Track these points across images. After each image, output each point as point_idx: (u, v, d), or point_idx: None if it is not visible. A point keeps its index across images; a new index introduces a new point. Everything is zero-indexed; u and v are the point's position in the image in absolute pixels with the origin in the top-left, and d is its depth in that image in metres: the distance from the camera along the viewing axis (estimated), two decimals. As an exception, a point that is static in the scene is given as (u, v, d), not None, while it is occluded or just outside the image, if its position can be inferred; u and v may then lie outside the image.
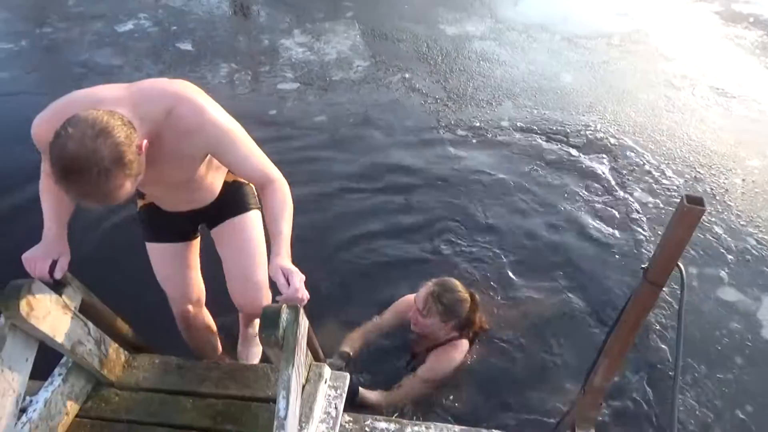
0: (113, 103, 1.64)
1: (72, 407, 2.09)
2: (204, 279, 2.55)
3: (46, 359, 2.01)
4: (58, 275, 1.84)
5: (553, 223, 3.97)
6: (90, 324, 2.05)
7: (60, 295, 1.89)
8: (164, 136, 1.73)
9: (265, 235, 2.15)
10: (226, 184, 2.26)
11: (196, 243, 2.48)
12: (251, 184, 2.31)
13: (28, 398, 1.98)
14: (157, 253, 2.41)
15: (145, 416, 2.12)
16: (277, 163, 2.03)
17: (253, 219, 2.32)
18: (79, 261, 1.99)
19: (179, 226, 2.35)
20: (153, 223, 2.35)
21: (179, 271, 2.44)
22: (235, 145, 1.86)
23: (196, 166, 1.97)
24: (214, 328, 2.74)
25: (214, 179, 2.18)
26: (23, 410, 1.90)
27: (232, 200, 2.30)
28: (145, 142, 1.62)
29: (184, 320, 2.56)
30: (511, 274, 3.53)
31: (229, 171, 2.22)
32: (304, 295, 1.78)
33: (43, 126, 1.71)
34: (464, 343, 2.86)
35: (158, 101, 1.73)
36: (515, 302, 3.33)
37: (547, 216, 4.02)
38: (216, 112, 1.83)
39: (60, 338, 1.87)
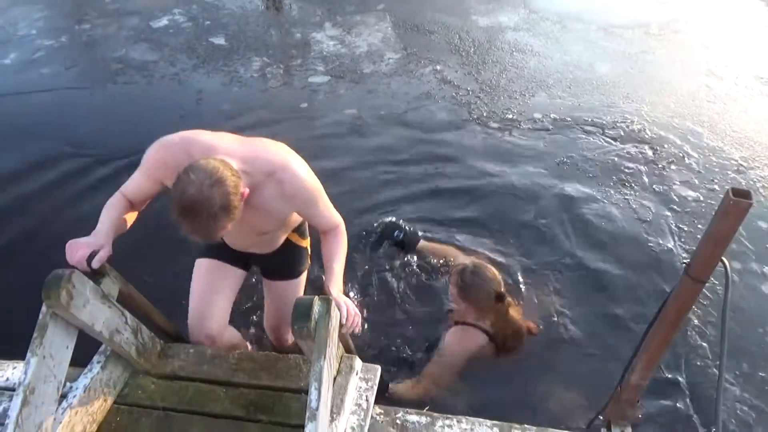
0: (226, 153, 1.89)
1: (110, 394, 2.14)
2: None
3: (86, 347, 2.06)
4: (95, 265, 1.89)
5: (588, 217, 3.88)
6: (127, 313, 2.09)
7: (98, 285, 1.93)
8: (262, 191, 1.96)
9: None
10: (287, 241, 2.47)
11: (242, 276, 2.60)
12: (307, 246, 2.59)
13: (68, 384, 2.04)
14: (205, 266, 2.48)
15: (179, 404, 2.16)
16: (307, 156, 2.10)
17: (302, 282, 2.64)
18: (117, 253, 2.03)
19: (236, 255, 2.49)
20: (212, 245, 2.45)
21: (217, 289, 2.47)
22: (317, 205, 2.10)
23: (281, 220, 2.22)
24: (241, 342, 2.76)
25: (281, 234, 2.41)
26: (64, 396, 1.95)
27: (290, 261, 2.56)
28: (246, 190, 1.84)
29: (207, 340, 2.51)
30: (544, 268, 3.47)
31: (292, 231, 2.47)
32: (358, 320, 2.01)
33: (163, 150, 2.04)
34: (478, 334, 2.77)
35: (264, 163, 1.96)
36: (549, 295, 3.28)
37: (582, 210, 3.94)
38: (309, 176, 2.05)
39: (98, 327, 1.91)
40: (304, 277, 2.64)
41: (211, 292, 2.45)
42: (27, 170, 4.37)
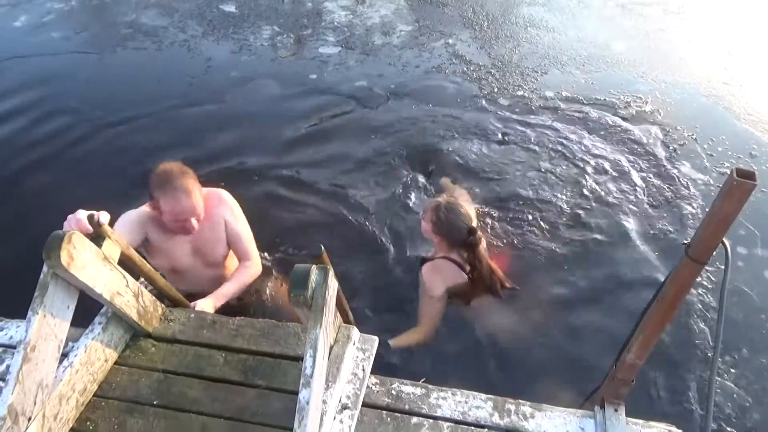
0: None
1: (110, 355, 2.17)
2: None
3: (88, 310, 2.09)
4: (103, 219, 1.91)
5: (595, 194, 3.85)
6: (128, 276, 2.11)
7: (99, 247, 1.94)
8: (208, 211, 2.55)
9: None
10: None
11: None
12: None
13: (70, 344, 2.07)
14: None
15: (179, 367, 2.19)
16: (316, 128, 2.11)
17: None
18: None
19: None
20: None
21: None
22: (243, 224, 2.70)
23: (222, 240, 2.68)
24: None
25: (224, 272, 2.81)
26: (65, 355, 1.98)
27: None
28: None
29: None
30: (547, 242, 3.46)
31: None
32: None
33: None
34: (450, 265, 2.88)
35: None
36: (549, 270, 3.27)
37: (589, 188, 3.90)
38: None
39: (99, 288, 1.93)
40: None
41: None
42: (34, 133, 4.39)
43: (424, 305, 2.90)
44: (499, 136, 4.41)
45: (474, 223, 2.88)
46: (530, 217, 3.64)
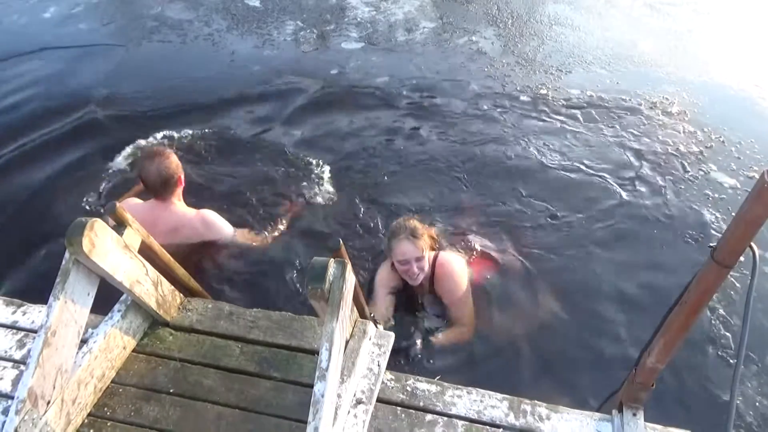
0: None
1: (129, 342, 2.20)
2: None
3: (107, 298, 2.12)
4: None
5: (618, 195, 3.78)
6: (148, 265, 2.13)
7: (121, 235, 1.96)
8: None
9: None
10: None
11: None
12: None
13: (89, 330, 2.10)
14: None
15: (196, 357, 2.21)
16: (335, 123, 2.09)
17: None
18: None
19: None
20: None
21: None
22: None
23: None
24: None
25: None
26: (84, 341, 2.01)
27: None
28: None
29: None
30: (568, 242, 3.42)
31: None
32: None
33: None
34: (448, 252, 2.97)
35: None
36: (569, 270, 3.23)
37: (613, 189, 3.84)
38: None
39: (119, 276, 1.95)
40: None
41: None
42: (58, 123, 4.45)
43: (466, 300, 2.84)
44: (522, 135, 4.36)
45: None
46: (553, 217, 3.60)
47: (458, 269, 2.89)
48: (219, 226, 3.10)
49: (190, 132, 4.22)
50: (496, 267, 3.18)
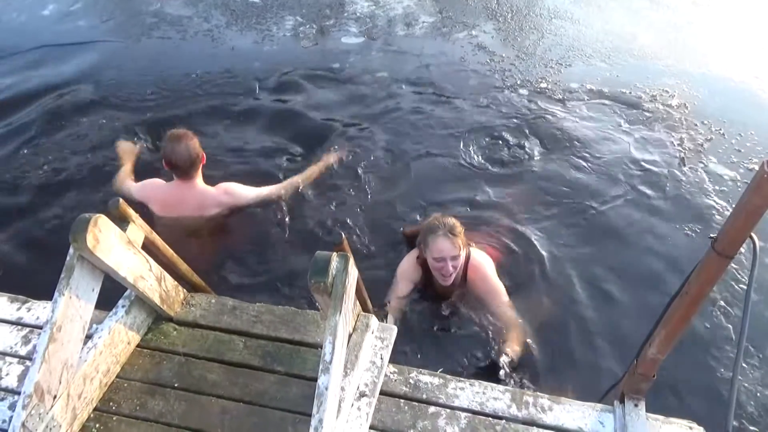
0: None
1: (133, 337, 2.22)
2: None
3: (112, 293, 2.13)
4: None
5: (619, 187, 3.79)
6: (152, 261, 2.14)
7: (124, 231, 1.97)
8: None
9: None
10: None
11: None
12: None
13: (94, 326, 2.11)
14: None
15: (200, 351, 2.22)
16: (336, 117, 2.09)
17: None
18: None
19: None
20: None
21: None
22: None
23: None
24: None
25: None
26: (89, 337, 2.02)
27: None
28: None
29: None
30: (569, 234, 3.43)
31: None
32: None
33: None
34: (477, 250, 2.95)
35: None
36: (570, 262, 3.24)
37: (614, 183, 3.85)
38: None
39: (123, 272, 1.96)
40: None
41: None
42: (59, 119, 4.45)
43: (506, 298, 2.82)
44: (523, 128, 4.36)
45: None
46: (552, 209, 3.61)
47: (490, 271, 2.88)
48: (240, 191, 3.31)
49: (191, 129, 4.21)
50: (499, 260, 3.18)
